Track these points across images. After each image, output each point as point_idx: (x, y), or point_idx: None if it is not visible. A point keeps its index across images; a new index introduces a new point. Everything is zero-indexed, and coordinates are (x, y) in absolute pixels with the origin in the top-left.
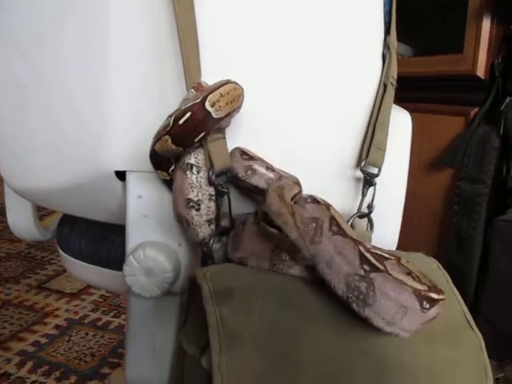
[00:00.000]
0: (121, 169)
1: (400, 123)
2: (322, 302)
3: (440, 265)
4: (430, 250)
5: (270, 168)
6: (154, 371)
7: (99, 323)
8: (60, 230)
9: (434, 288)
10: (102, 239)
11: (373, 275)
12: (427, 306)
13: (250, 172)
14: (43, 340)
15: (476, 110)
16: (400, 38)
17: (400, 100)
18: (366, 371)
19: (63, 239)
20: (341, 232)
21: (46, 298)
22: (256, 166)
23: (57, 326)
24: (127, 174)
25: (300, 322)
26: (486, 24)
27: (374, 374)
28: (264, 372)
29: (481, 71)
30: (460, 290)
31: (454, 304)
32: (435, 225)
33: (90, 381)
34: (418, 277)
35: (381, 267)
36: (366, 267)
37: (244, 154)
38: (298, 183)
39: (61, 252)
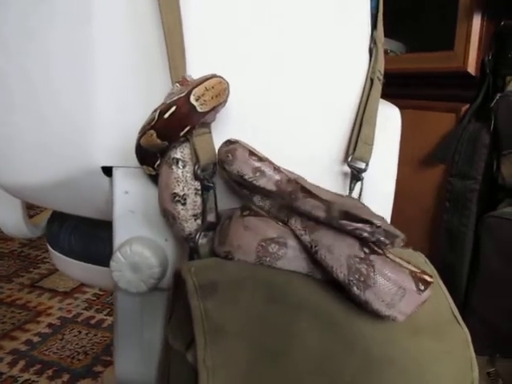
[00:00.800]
0: (107, 164)
1: (389, 118)
2: (310, 294)
3: (427, 259)
4: (421, 247)
5: (277, 169)
6: (143, 367)
7: (92, 321)
8: (49, 227)
9: (424, 271)
10: (92, 236)
11: (372, 257)
12: (422, 287)
13: (258, 174)
14: (36, 339)
15: (467, 106)
16: (393, 35)
17: (392, 96)
18: (355, 364)
19: (53, 236)
20: None
21: (39, 297)
22: (264, 168)
23: (50, 325)
24: (114, 169)
25: (288, 316)
26: (477, 21)
27: (362, 366)
28: (252, 365)
29: (472, 68)
30: (451, 286)
31: (440, 298)
32: (427, 221)
33: (82, 379)
34: (408, 261)
35: (379, 250)
36: (365, 250)
37: (252, 154)
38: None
39: (50, 249)
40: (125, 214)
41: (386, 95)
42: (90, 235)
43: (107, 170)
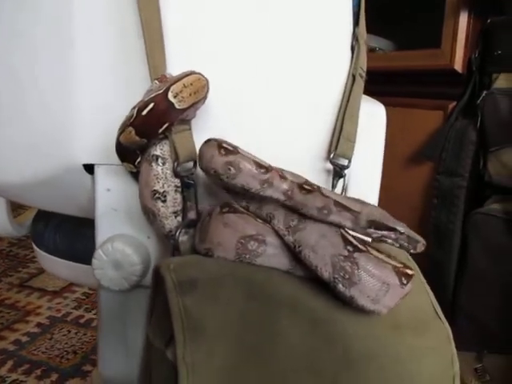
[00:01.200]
0: (89, 162)
1: (373, 115)
2: (291, 291)
3: (409, 256)
4: None
5: (282, 177)
6: (127, 365)
7: (82, 321)
8: (35, 225)
9: (406, 265)
10: (77, 234)
11: (356, 255)
12: (405, 281)
13: (266, 185)
14: (24, 338)
15: (454, 104)
16: (380, 33)
17: (379, 94)
18: (336, 361)
19: (38, 235)
20: None
21: (28, 297)
22: (272, 179)
23: (38, 324)
24: (95, 167)
25: (269, 313)
26: (464, 19)
27: (344, 363)
28: (232, 362)
29: (458, 66)
30: (439, 283)
31: (422, 295)
32: (414, 219)
33: (71, 378)
34: (389, 256)
35: (362, 248)
36: (349, 248)
37: (259, 166)
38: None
39: (35, 248)
40: (107, 212)
41: (373, 93)
42: (75, 233)
43: (89, 168)
